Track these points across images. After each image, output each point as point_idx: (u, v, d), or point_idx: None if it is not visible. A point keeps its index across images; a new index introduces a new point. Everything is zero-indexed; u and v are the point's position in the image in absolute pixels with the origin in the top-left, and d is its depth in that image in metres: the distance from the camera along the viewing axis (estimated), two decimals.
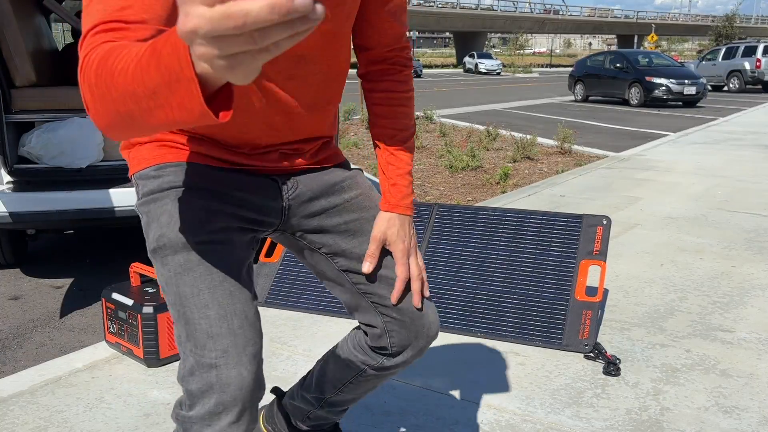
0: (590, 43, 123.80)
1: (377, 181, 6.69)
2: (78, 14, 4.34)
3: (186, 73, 0.60)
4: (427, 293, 1.27)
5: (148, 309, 2.49)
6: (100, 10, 0.82)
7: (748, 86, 22.07)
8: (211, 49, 0.54)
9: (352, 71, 11.73)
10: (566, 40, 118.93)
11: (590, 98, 18.64)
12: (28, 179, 3.21)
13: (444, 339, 2.86)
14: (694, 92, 15.90)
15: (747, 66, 21.47)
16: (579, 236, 3.00)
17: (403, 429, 2.15)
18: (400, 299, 1.23)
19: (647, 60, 17.41)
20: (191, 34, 0.53)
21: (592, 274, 3.48)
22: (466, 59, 45.40)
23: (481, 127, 10.65)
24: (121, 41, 0.78)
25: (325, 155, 1.26)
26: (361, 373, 1.35)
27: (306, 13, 0.50)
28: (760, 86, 22.08)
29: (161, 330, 2.50)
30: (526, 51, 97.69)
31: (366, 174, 7.10)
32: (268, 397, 2.28)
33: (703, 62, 23.01)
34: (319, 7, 0.51)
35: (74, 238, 4.78)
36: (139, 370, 2.52)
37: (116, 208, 3.19)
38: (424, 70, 43.45)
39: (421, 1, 54.35)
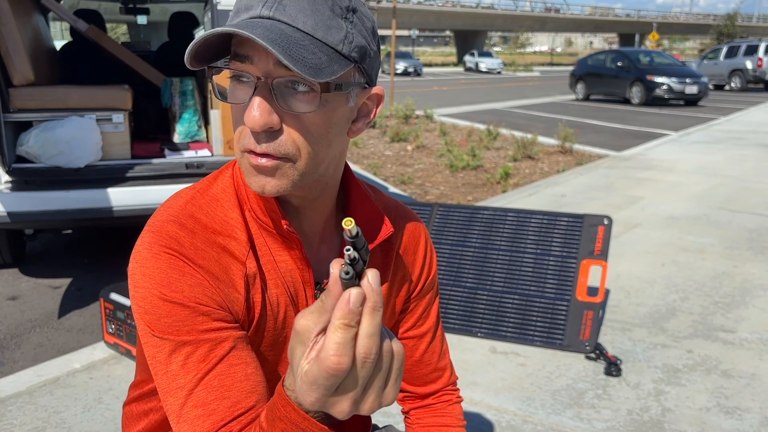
0: (591, 42, 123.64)
1: (375, 180, 6.68)
2: (77, 12, 4.31)
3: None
4: None
5: None
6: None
7: (749, 85, 22.01)
8: (357, 389, 0.57)
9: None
10: (567, 38, 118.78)
11: (591, 97, 18.59)
12: (26, 179, 3.19)
13: None
14: (695, 91, 15.85)
15: (749, 65, 21.41)
16: (580, 236, 2.99)
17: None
18: None
19: (649, 59, 17.35)
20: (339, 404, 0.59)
21: (593, 275, 3.46)
22: (467, 58, 45.26)
23: (482, 126, 10.63)
24: None
25: None
26: None
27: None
28: (761, 85, 22.03)
29: None
30: (527, 50, 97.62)
31: (365, 173, 7.08)
32: None
33: (705, 61, 22.94)
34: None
35: (72, 238, 4.77)
36: None
37: (114, 208, 3.17)
38: (425, 69, 43.40)
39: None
